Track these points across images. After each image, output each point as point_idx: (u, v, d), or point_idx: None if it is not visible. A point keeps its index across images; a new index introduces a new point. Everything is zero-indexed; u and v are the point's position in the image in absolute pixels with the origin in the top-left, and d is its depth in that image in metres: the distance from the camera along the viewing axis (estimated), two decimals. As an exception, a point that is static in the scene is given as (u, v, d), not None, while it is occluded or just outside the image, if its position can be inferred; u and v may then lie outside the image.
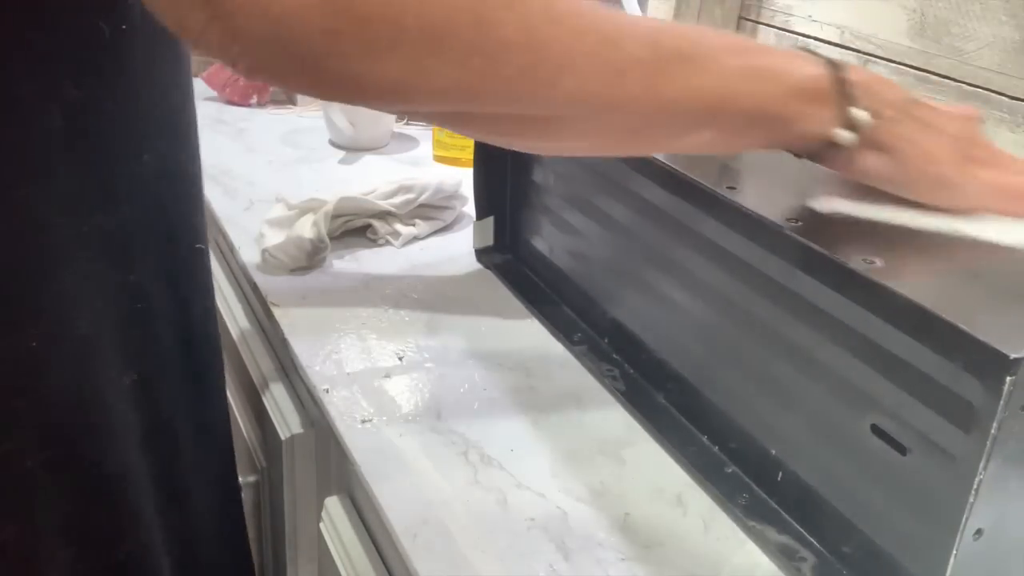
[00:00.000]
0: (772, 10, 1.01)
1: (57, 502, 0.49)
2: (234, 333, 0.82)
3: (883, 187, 0.47)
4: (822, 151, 0.44)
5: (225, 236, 0.82)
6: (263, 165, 0.98)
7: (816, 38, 0.96)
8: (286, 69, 0.35)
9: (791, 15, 0.99)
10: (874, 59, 0.89)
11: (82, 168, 0.46)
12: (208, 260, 0.60)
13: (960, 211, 0.47)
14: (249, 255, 0.77)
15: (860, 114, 0.43)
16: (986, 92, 0.78)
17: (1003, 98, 0.77)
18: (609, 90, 0.39)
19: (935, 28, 0.82)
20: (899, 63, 0.86)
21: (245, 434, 0.81)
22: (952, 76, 0.81)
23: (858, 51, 0.91)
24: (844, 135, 0.43)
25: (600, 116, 0.40)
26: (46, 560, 0.50)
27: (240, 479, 0.82)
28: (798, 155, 0.46)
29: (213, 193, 0.89)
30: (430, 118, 0.42)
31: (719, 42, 0.42)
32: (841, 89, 0.43)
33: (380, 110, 0.39)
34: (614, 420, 0.59)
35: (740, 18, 1.06)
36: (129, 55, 0.46)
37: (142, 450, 0.53)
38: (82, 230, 0.47)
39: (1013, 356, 0.34)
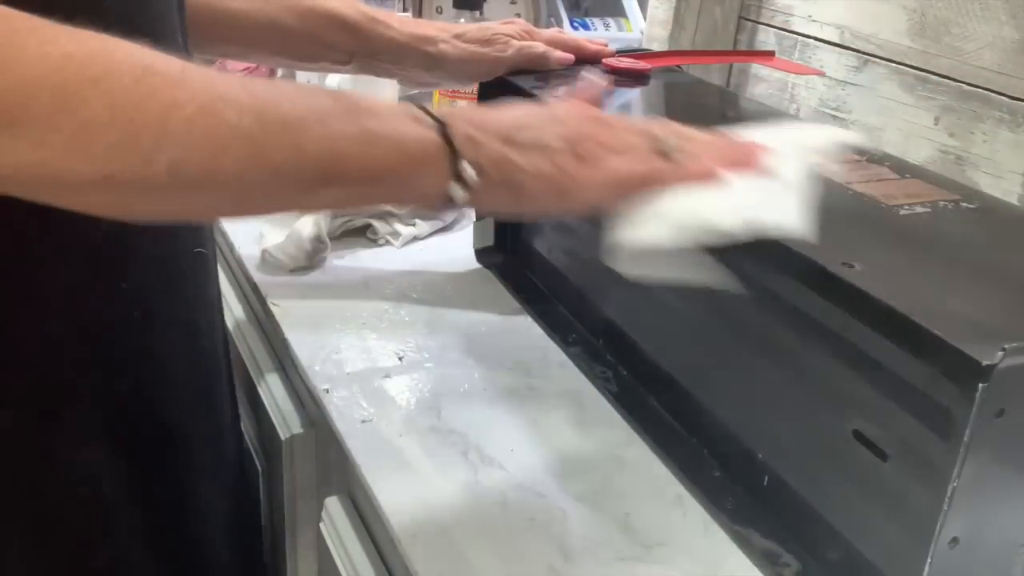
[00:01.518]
0: (772, 10, 1.01)
1: (29, 507, 0.49)
2: (234, 333, 0.82)
3: (518, 217, 0.47)
4: (445, 204, 0.45)
5: (225, 236, 0.82)
6: (263, 165, 0.98)
7: (816, 38, 0.96)
8: None
9: (791, 15, 0.99)
10: (874, 59, 0.89)
11: None
12: (211, 264, 0.60)
13: (587, 212, 0.47)
14: (249, 255, 0.77)
15: (468, 169, 0.43)
16: (986, 92, 0.78)
17: (1003, 98, 0.77)
18: (213, 162, 0.37)
19: (935, 28, 0.82)
20: (899, 63, 0.86)
21: (245, 434, 0.81)
22: (952, 76, 0.81)
23: (858, 51, 0.91)
24: (457, 192, 0.44)
25: (205, 187, 0.38)
26: (17, 567, 0.49)
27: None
28: (431, 208, 0.46)
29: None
30: (21, 190, 0.37)
31: (329, 106, 0.41)
32: (447, 147, 0.43)
33: None
34: (614, 420, 0.59)
35: (740, 18, 1.06)
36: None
37: (129, 460, 0.52)
38: (68, 235, 0.46)
39: (985, 363, 0.34)
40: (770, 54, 0.93)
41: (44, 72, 0.33)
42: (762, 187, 0.46)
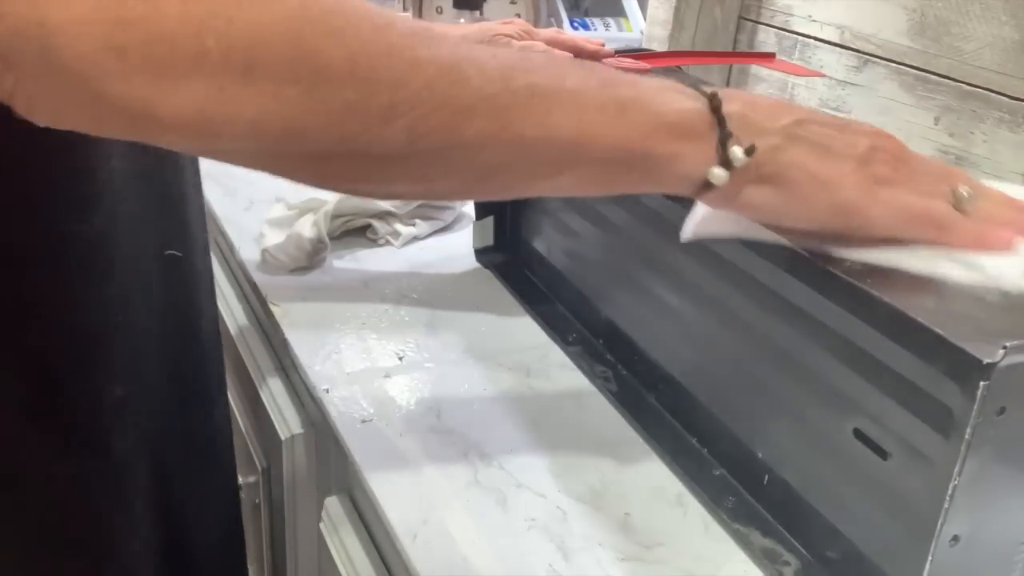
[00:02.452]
0: (772, 10, 1.01)
1: (37, 515, 0.49)
2: (234, 333, 0.82)
3: (777, 222, 0.42)
4: (701, 191, 0.40)
5: (225, 236, 0.82)
6: (263, 165, 0.98)
7: (816, 38, 0.96)
8: (64, 98, 0.30)
9: (791, 15, 0.99)
10: (874, 59, 0.89)
11: (53, 173, 0.44)
12: (205, 269, 0.59)
13: (869, 241, 0.42)
14: (249, 255, 0.77)
15: (736, 150, 0.38)
16: (986, 92, 0.78)
17: (1003, 98, 0.77)
18: (453, 128, 0.35)
19: (935, 28, 0.82)
20: (899, 63, 0.86)
21: (245, 434, 0.81)
22: (952, 76, 0.81)
23: (858, 51, 0.91)
24: (717, 174, 0.38)
25: (445, 157, 0.36)
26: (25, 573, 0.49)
27: (240, 479, 0.82)
28: (678, 198, 0.42)
29: (213, 193, 0.89)
30: (248, 160, 0.36)
31: (580, 74, 0.38)
32: (714, 123, 0.39)
33: (182, 149, 0.34)
34: (614, 420, 0.59)
35: (740, 18, 1.06)
36: None
37: (126, 462, 0.52)
38: (52, 238, 0.45)
39: (987, 361, 0.34)
40: (771, 56, 0.93)
41: (279, 19, 0.31)
42: None
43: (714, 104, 0.39)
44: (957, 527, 0.38)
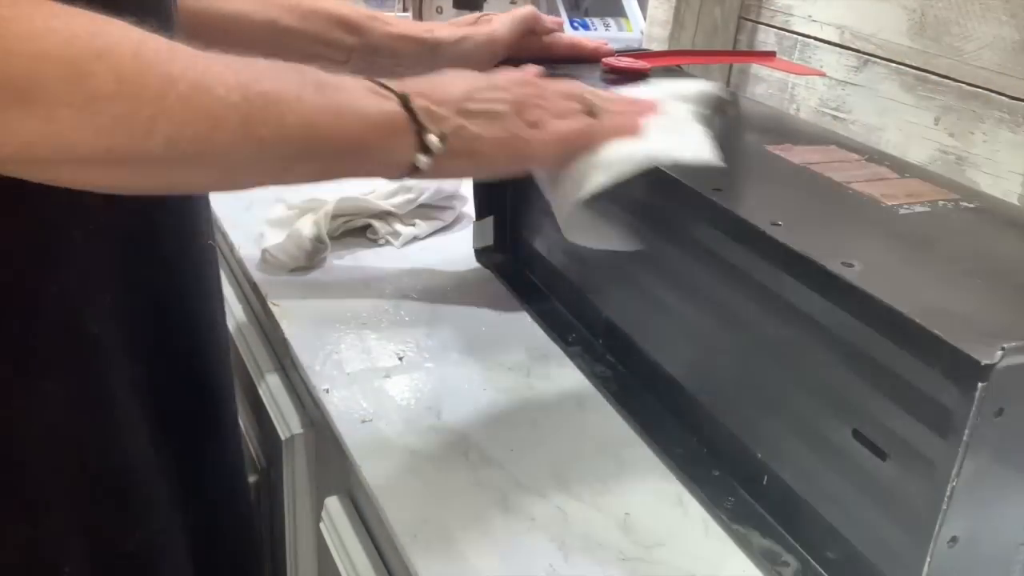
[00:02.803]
0: (772, 10, 1.01)
1: (67, 495, 0.49)
2: (234, 332, 0.82)
3: (479, 180, 0.53)
4: (412, 173, 0.48)
5: (225, 236, 0.82)
6: (263, 165, 0.98)
7: (816, 38, 0.96)
8: None
9: (791, 15, 0.99)
10: (874, 59, 0.89)
11: None
12: (216, 256, 0.61)
13: (545, 170, 0.55)
14: (249, 255, 0.77)
15: (432, 140, 0.47)
16: (986, 92, 0.78)
17: (1003, 98, 0.77)
18: (206, 136, 0.39)
19: (935, 28, 0.82)
20: (899, 63, 0.86)
21: (245, 434, 0.81)
22: (952, 76, 0.81)
23: (858, 51, 0.91)
24: (423, 160, 0.47)
25: (199, 160, 0.40)
26: (59, 551, 0.50)
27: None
28: (394, 178, 0.50)
29: (213, 193, 0.89)
30: (22, 167, 0.38)
31: (299, 81, 0.43)
32: (413, 119, 0.46)
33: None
34: (614, 420, 0.59)
35: (740, 18, 1.06)
36: None
37: (152, 445, 0.53)
38: (89, 227, 0.47)
39: (985, 362, 0.34)
40: (771, 55, 0.93)
41: (54, 46, 0.34)
42: (671, 129, 0.55)
43: (405, 103, 0.46)
44: (955, 528, 0.38)
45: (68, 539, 0.50)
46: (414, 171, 0.48)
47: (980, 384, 0.34)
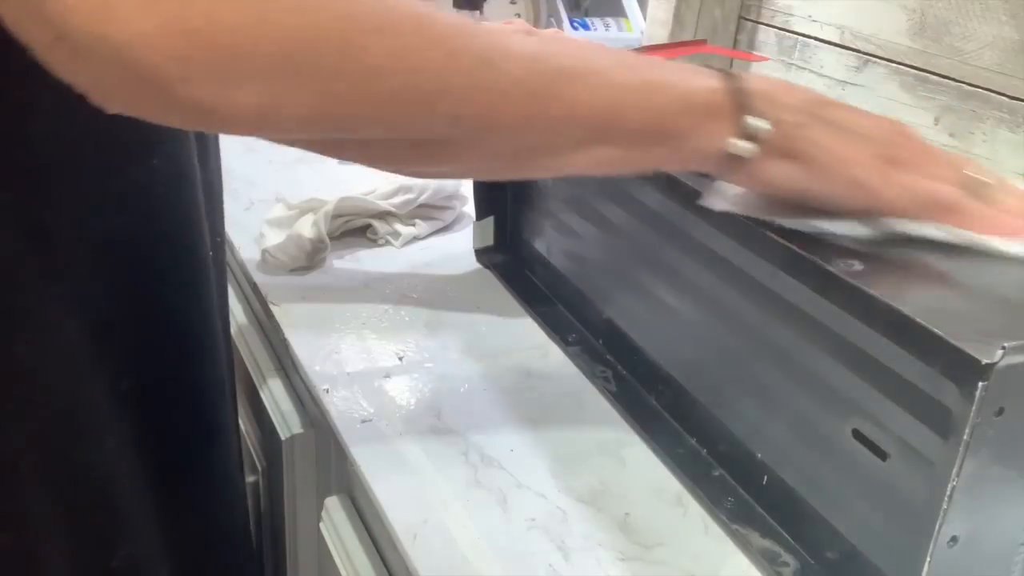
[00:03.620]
0: (772, 10, 1.01)
1: (50, 507, 0.49)
2: (234, 333, 0.82)
3: (794, 196, 0.44)
4: (723, 166, 0.42)
5: (225, 236, 0.82)
6: (263, 165, 0.98)
7: (816, 38, 0.96)
8: (138, 98, 0.33)
9: (791, 15, 0.99)
10: (874, 59, 0.89)
11: (80, 171, 0.45)
12: (219, 266, 0.59)
13: (876, 213, 0.44)
14: (249, 255, 0.77)
15: (758, 123, 0.41)
16: (986, 92, 0.78)
17: (1003, 98, 0.77)
18: (490, 112, 0.38)
19: (935, 28, 0.82)
20: (899, 63, 0.86)
21: (245, 434, 0.81)
22: (952, 76, 0.81)
23: (858, 51, 0.91)
24: (741, 145, 0.41)
25: (483, 139, 0.39)
26: (42, 565, 0.49)
27: (240, 479, 0.82)
28: (701, 174, 0.44)
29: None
30: (304, 144, 0.40)
31: (605, 56, 0.41)
32: (736, 100, 0.41)
33: (245, 136, 0.38)
34: (614, 420, 0.59)
35: (740, 18, 1.06)
36: None
37: (140, 455, 0.53)
38: (80, 235, 0.46)
39: (985, 361, 0.34)
40: (702, 42, 0.97)
41: (328, 20, 0.34)
42: None
43: (735, 84, 0.41)
44: (956, 528, 0.38)
45: (50, 551, 0.49)
46: (730, 163, 0.41)
47: (981, 383, 0.34)
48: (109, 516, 0.52)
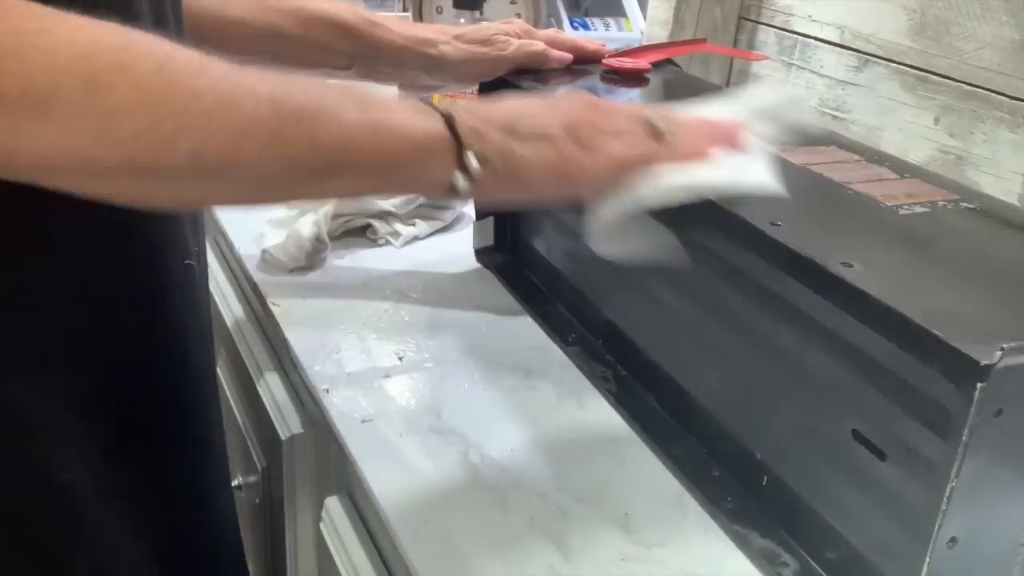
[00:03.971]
0: (772, 10, 1.01)
1: (10, 512, 0.48)
2: (234, 333, 0.82)
3: (521, 205, 0.49)
4: (451, 194, 0.46)
5: (225, 236, 0.82)
6: (263, 165, 0.98)
7: (816, 38, 0.96)
8: None
9: (791, 15, 0.99)
10: (874, 59, 0.89)
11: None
12: (199, 276, 0.58)
13: (589, 196, 0.50)
14: (249, 254, 0.77)
15: (471, 161, 0.45)
16: (986, 92, 0.78)
17: (1003, 98, 0.77)
18: (232, 150, 0.39)
19: (935, 28, 0.82)
20: (899, 63, 0.86)
21: (245, 434, 0.81)
22: (952, 76, 0.81)
23: (858, 51, 0.91)
24: (460, 181, 0.45)
25: (225, 173, 0.40)
26: (4, 570, 0.49)
27: (240, 479, 0.82)
28: (437, 198, 0.49)
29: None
30: (43, 176, 0.39)
31: (339, 98, 0.43)
32: (455, 139, 0.45)
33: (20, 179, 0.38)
34: (614, 420, 0.59)
35: (740, 18, 1.06)
36: None
37: (107, 462, 0.51)
38: (35, 233, 0.45)
39: (984, 362, 0.34)
40: (702, 41, 0.98)
41: (72, 59, 0.34)
42: (741, 160, 0.51)
43: (450, 122, 0.45)
44: (955, 529, 0.38)
45: (14, 559, 0.49)
46: (452, 192, 0.46)
47: (979, 384, 0.34)
48: (72, 524, 0.51)
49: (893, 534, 0.41)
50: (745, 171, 0.49)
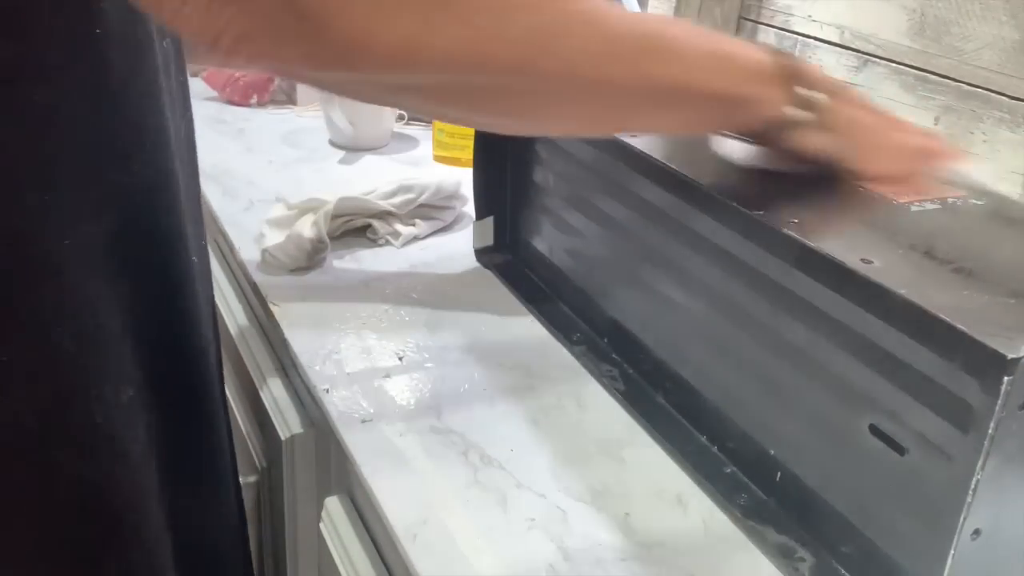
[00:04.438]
0: (772, 10, 1.01)
1: (42, 516, 0.48)
2: (234, 333, 0.82)
3: (828, 161, 0.51)
4: (773, 131, 0.48)
5: (225, 236, 0.82)
6: (263, 165, 0.98)
7: (816, 38, 0.96)
8: (285, 33, 0.33)
9: (791, 15, 0.99)
10: (874, 59, 0.89)
11: (67, 177, 0.44)
12: (204, 270, 0.58)
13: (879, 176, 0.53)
14: (249, 255, 0.77)
15: (816, 95, 0.47)
16: (986, 92, 0.78)
17: (1003, 98, 0.77)
18: (597, 66, 0.40)
19: (935, 28, 0.82)
20: (899, 63, 0.86)
21: (245, 434, 0.81)
22: (952, 76, 0.81)
23: (858, 51, 0.91)
24: (800, 113, 0.47)
25: (587, 92, 0.42)
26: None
27: (240, 479, 0.82)
28: (752, 138, 0.50)
29: (213, 193, 0.89)
30: (424, 95, 0.41)
31: (684, 28, 0.45)
32: (786, 73, 0.47)
33: (379, 79, 0.38)
34: (614, 420, 0.59)
35: (740, 18, 1.06)
36: (106, 59, 0.44)
37: (138, 463, 0.52)
38: (65, 242, 0.45)
39: (1011, 356, 0.34)
40: None
41: None
42: None
43: (784, 59, 0.47)
44: (978, 521, 0.38)
45: (42, 562, 0.49)
46: (780, 128, 0.48)
47: (1006, 378, 0.35)
48: (104, 525, 0.51)
49: (912, 527, 0.41)
50: None
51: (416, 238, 0.82)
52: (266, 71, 0.38)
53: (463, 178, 0.84)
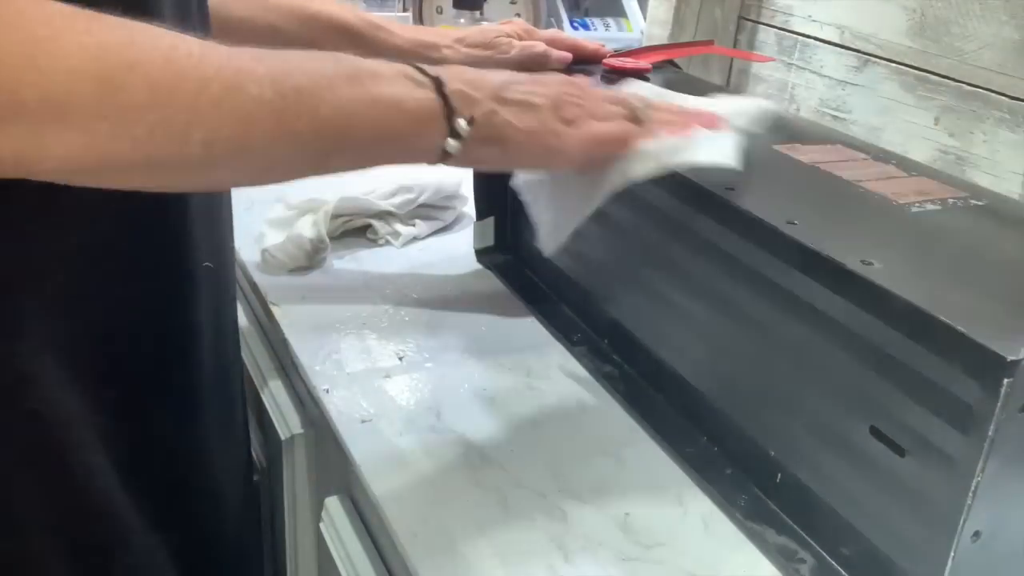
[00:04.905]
0: (772, 10, 1.01)
1: (45, 516, 0.48)
2: (234, 333, 0.82)
3: (505, 170, 0.53)
4: (442, 159, 0.48)
5: (225, 236, 0.82)
6: (263, 165, 0.98)
7: (816, 38, 0.96)
8: None
9: (791, 15, 0.99)
10: (874, 59, 0.89)
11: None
12: (223, 277, 0.58)
13: (565, 168, 0.53)
14: (249, 255, 0.77)
15: (460, 124, 0.47)
16: (986, 92, 0.78)
17: (1003, 98, 0.77)
18: (243, 136, 0.40)
19: (935, 28, 0.82)
20: (899, 63, 0.86)
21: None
22: (952, 76, 0.81)
23: (858, 51, 0.91)
24: (452, 145, 0.47)
25: (236, 158, 0.41)
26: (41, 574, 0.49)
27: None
28: (428, 164, 0.49)
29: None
30: (64, 177, 0.39)
31: (332, 71, 0.44)
32: (445, 104, 0.47)
33: (13, 177, 0.38)
34: (614, 420, 0.59)
35: (740, 18, 1.06)
36: None
37: (132, 465, 0.51)
38: (57, 247, 0.45)
39: (1011, 358, 0.34)
40: (709, 42, 0.98)
41: (85, 62, 0.35)
42: (710, 136, 0.54)
43: (439, 87, 0.47)
44: (979, 523, 0.38)
45: (49, 559, 0.49)
46: (445, 156, 0.48)
47: (1006, 380, 0.35)
48: (107, 525, 0.51)
49: (912, 528, 0.41)
50: (712, 146, 0.52)
51: (416, 238, 0.82)
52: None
53: (463, 178, 0.84)
